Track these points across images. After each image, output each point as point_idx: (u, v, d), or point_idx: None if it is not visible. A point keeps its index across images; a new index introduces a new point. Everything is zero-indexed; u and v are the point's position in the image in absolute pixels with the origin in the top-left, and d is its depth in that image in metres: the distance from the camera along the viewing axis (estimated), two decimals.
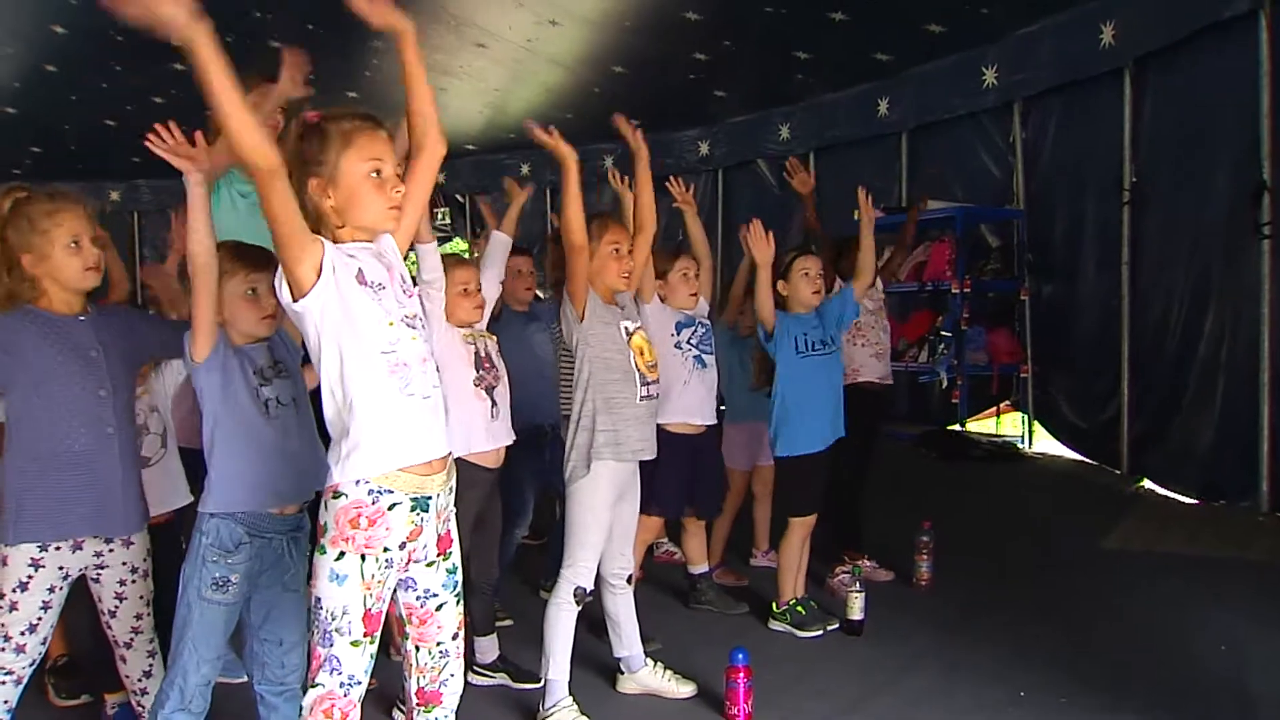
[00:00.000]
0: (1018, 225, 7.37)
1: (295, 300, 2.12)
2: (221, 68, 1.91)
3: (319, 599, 2.15)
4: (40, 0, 7.32)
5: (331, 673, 2.16)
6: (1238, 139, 5.42)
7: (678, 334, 3.98)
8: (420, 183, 2.36)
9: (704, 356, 4.01)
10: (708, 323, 4.12)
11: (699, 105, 9.36)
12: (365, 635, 2.16)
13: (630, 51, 7.91)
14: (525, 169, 11.10)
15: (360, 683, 2.19)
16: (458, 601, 2.35)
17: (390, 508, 2.15)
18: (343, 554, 2.13)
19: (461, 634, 2.36)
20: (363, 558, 2.14)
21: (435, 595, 2.30)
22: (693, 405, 4.01)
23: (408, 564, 2.24)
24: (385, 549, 2.16)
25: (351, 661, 2.16)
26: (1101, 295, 6.61)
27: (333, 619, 2.14)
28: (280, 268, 2.13)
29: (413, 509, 2.18)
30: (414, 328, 2.22)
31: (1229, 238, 5.53)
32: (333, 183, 2.18)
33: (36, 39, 7.95)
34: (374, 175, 2.20)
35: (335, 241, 2.18)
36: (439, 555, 2.29)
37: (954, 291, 7.02)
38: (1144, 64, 6.16)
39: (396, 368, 2.16)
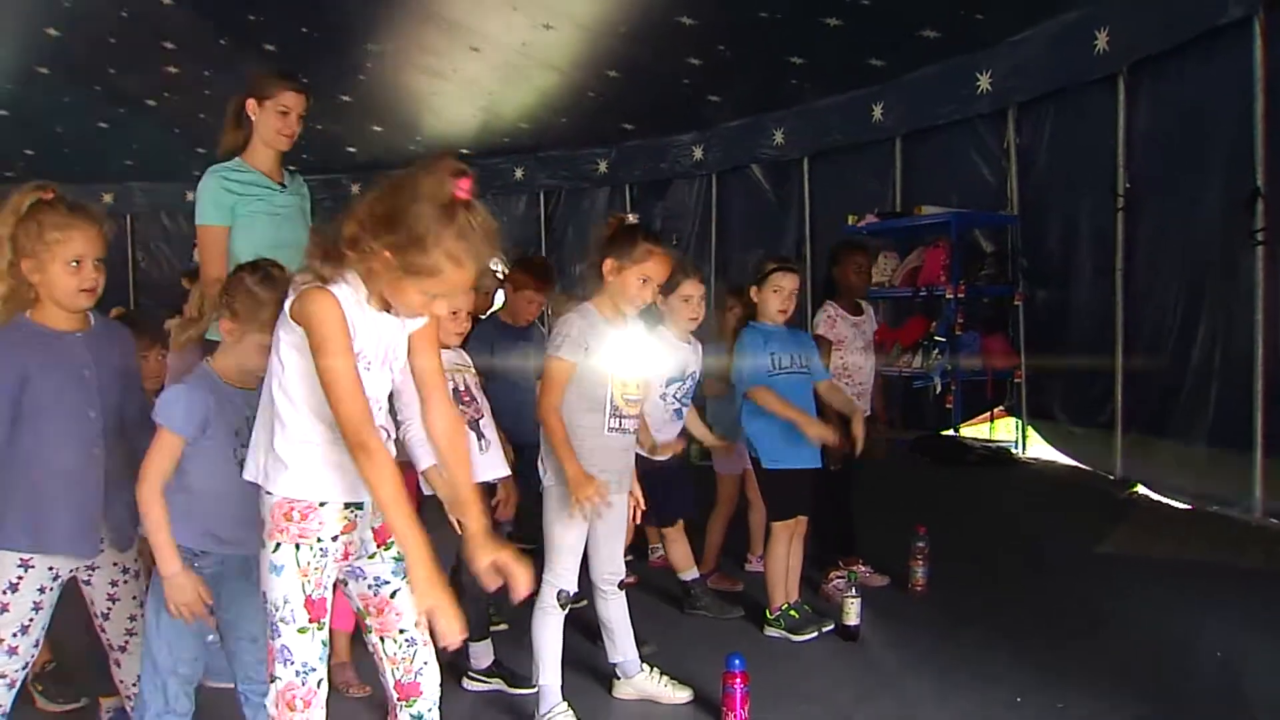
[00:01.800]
0: (1012, 230, 7.38)
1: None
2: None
3: (264, 593, 2.21)
4: (33, 3, 7.31)
5: (285, 664, 2.19)
6: (1231, 145, 5.43)
7: (665, 388, 3.96)
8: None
9: (682, 410, 4.03)
10: (696, 376, 4.09)
11: (693, 110, 9.36)
12: (311, 621, 2.19)
13: (624, 56, 7.91)
14: (519, 173, 11.08)
15: (315, 670, 2.21)
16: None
17: (321, 504, 2.20)
18: (279, 545, 2.18)
19: (425, 621, 2.26)
20: (297, 546, 2.18)
21: (387, 582, 2.32)
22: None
23: (345, 556, 2.26)
24: (319, 539, 2.19)
25: (302, 649, 2.19)
26: (1095, 300, 6.61)
27: (276, 609, 2.19)
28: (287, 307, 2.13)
29: (345, 507, 2.22)
30: (380, 406, 2.25)
31: (1222, 243, 5.54)
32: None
33: (30, 41, 7.94)
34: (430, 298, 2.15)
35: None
36: (379, 547, 2.31)
37: (948, 297, 7.02)
38: (1138, 70, 6.17)
39: None
